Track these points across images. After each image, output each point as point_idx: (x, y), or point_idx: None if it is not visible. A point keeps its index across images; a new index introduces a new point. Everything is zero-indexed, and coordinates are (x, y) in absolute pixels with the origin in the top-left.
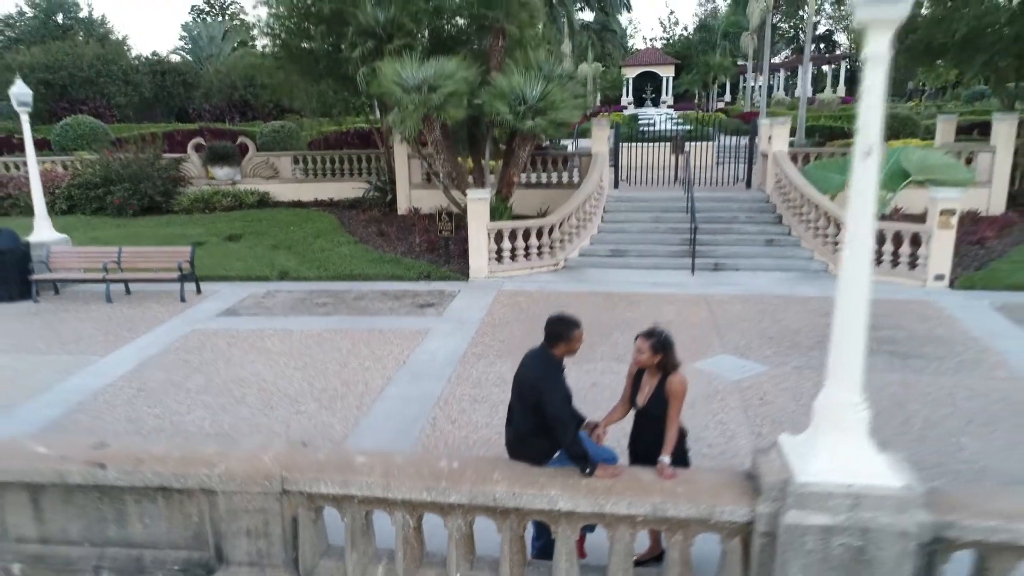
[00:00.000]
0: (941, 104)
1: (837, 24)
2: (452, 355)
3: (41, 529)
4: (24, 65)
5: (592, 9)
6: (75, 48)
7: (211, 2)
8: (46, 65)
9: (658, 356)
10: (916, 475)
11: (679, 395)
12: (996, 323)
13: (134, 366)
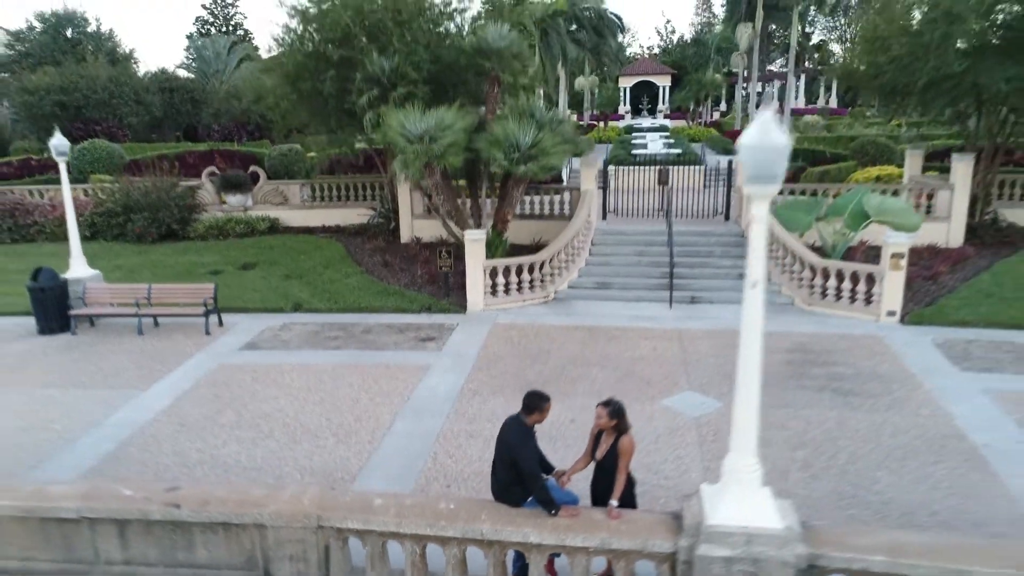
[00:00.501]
0: (921, 123)
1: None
2: (450, 391)
3: (125, 554)
4: (40, 87)
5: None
6: (89, 70)
7: (215, 13)
8: (61, 87)
9: (613, 421)
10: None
11: (628, 453)
12: (934, 360)
13: (171, 401)
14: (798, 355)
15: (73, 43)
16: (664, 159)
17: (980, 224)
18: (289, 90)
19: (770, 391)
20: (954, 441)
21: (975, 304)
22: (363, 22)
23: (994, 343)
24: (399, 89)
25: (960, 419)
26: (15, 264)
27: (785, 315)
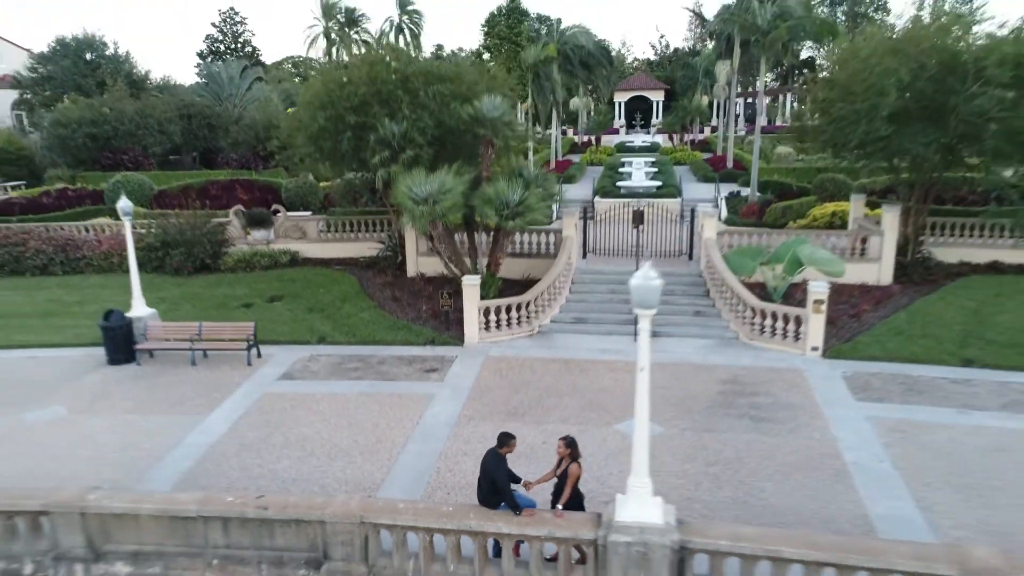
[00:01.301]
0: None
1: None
2: (450, 418)
3: (227, 540)
4: (72, 120)
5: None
6: (117, 103)
7: (224, 31)
8: (92, 120)
9: (568, 451)
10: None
11: (573, 476)
12: (838, 391)
13: (229, 425)
14: (730, 386)
15: (93, 67)
16: (645, 192)
17: (911, 263)
18: (312, 148)
19: (702, 417)
20: (830, 459)
21: (885, 340)
22: (377, 92)
23: (892, 376)
24: (407, 152)
25: (841, 442)
26: (70, 296)
27: (729, 348)
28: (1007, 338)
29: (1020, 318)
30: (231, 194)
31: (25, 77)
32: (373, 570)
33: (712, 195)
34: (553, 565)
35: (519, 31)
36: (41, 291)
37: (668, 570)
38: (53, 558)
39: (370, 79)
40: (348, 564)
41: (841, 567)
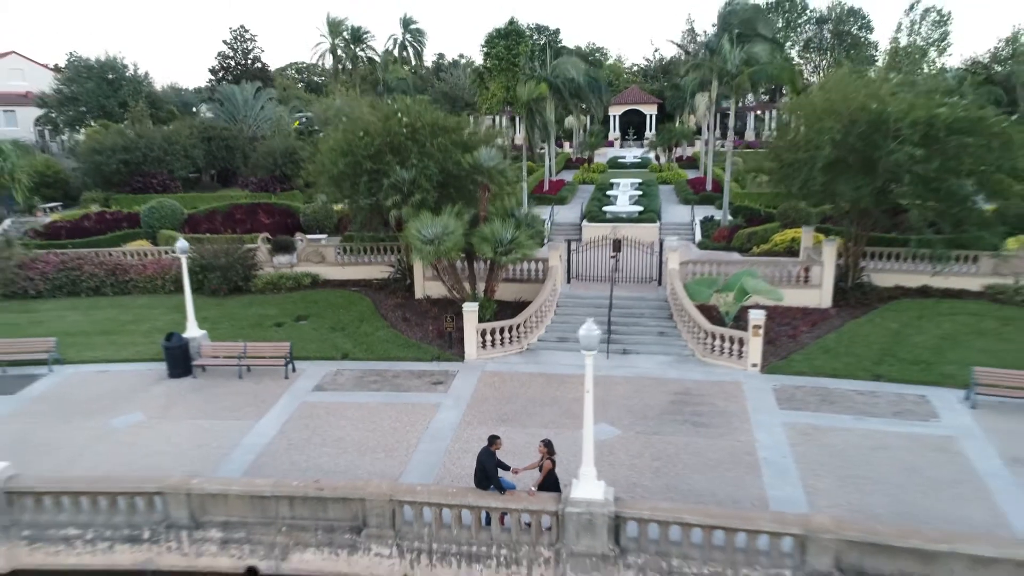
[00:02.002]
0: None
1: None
2: (453, 423)
3: (292, 513)
4: (107, 147)
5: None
6: (147, 131)
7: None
8: (124, 147)
9: (545, 450)
10: (624, 481)
11: (547, 469)
12: (767, 402)
13: (277, 429)
14: (680, 396)
15: (115, 88)
16: (627, 217)
17: (851, 288)
18: (333, 188)
19: (654, 423)
20: (747, 456)
21: (814, 358)
22: (390, 142)
23: (813, 388)
24: (416, 196)
25: (759, 442)
26: (124, 316)
27: (685, 364)
28: (914, 356)
29: (931, 338)
30: (254, 218)
31: (50, 97)
32: (399, 533)
33: (689, 219)
34: (528, 529)
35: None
36: (96, 311)
37: (607, 533)
38: (165, 527)
39: (384, 131)
40: (381, 530)
41: (727, 529)
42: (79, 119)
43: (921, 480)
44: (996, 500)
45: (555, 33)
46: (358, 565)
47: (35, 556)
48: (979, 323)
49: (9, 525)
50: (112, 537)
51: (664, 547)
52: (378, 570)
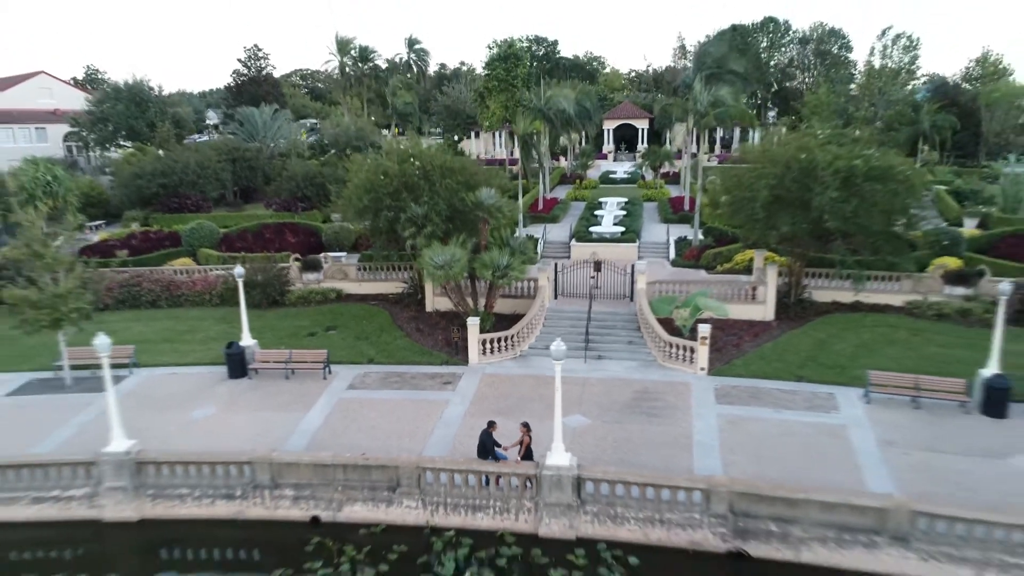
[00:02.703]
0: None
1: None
2: (460, 415)
3: (345, 477)
4: (148, 172)
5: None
6: (183, 155)
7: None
8: (162, 172)
9: (525, 429)
10: (589, 457)
11: (525, 444)
12: (707, 398)
13: (323, 419)
14: (640, 393)
15: (142, 109)
16: (611, 237)
17: (793, 303)
18: (358, 219)
19: (617, 415)
20: (685, 439)
21: (751, 363)
22: (406, 182)
23: (746, 388)
24: (428, 228)
25: (696, 429)
26: (180, 326)
27: (648, 369)
28: (833, 361)
29: (850, 346)
30: (282, 237)
31: (83, 117)
32: (423, 491)
33: (666, 238)
34: (515, 487)
35: (515, 74)
36: (155, 322)
37: (572, 489)
38: (252, 487)
39: (401, 173)
40: (410, 488)
41: (655, 485)
42: (110, 138)
43: (812, 456)
44: (862, 470)
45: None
46: (393, 514)
47: (156, 509)
48: (893, 334)
49: (138, 486)
50: (212, 495)
51: (612, 499)
52: (407, 518)
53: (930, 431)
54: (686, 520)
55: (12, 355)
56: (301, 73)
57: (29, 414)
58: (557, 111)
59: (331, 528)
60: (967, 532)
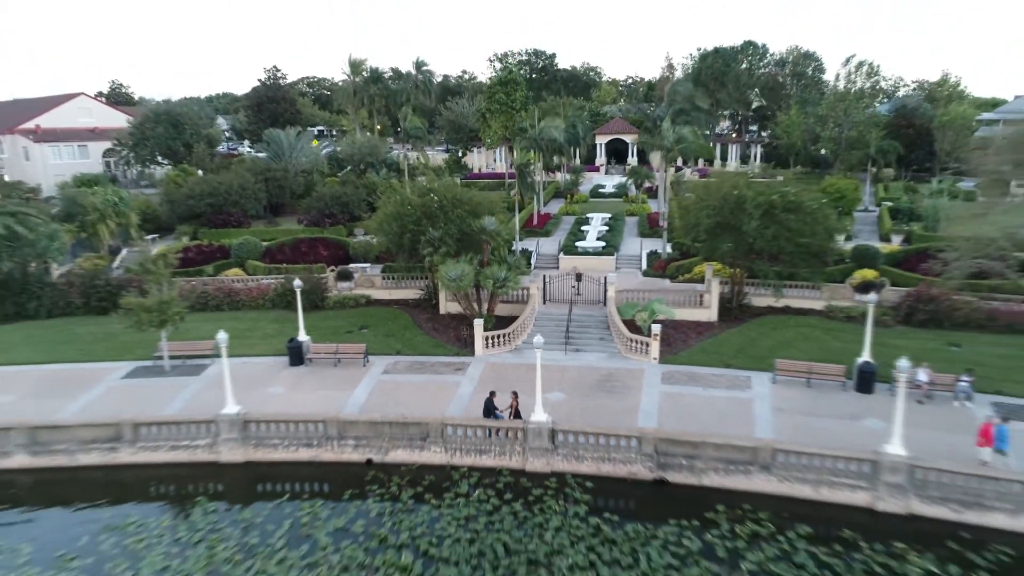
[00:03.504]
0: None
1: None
2: (469, 392)
3: (391, 432)
4: (196, 193)
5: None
6: (227, 178)
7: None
8: (210, 192)
9: (514, 396)
10: (562, 419)
11: (514, 407)
12: (655, 380)
13: (366, 396)
14: (605, 377)
15: (179, 131)
16: (593, 251)
17: (735, 307)
18: (387, 243)
19: (586, 392)
20: (633, 408)
21: (694, 355)
22: (426, 212)
23: (686, 372)
24: (443, 248)
25: (642, 401)
26: (241, 326)
27: (613, 359)
28: (757, 353)
29: (773, 342)
30: (315, 250)
31: (125, 137)
32: (445, 440)
33: (639, 251)
34: (509, 437)
35: (515, 98)
36: (220, 322)
37: (548, 438)
38: (325, 438)
39: (421, 204)
40: (436, 439)
41: (604, 435)
42: (149, 157)
43: (723, 418)
44: (754, 427)
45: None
46: (424, 457)
47: (257, 453)
48: (810, 332)
49: (244, 438)
50: (296, 444)
51: (575, 445)
52: (434, 459)
53: (813, 402)
54: (625, 458)
55: (115, 348)
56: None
57: (144, 392)
58: (548, 140)
59: (380, 467)
60: (808, 462)
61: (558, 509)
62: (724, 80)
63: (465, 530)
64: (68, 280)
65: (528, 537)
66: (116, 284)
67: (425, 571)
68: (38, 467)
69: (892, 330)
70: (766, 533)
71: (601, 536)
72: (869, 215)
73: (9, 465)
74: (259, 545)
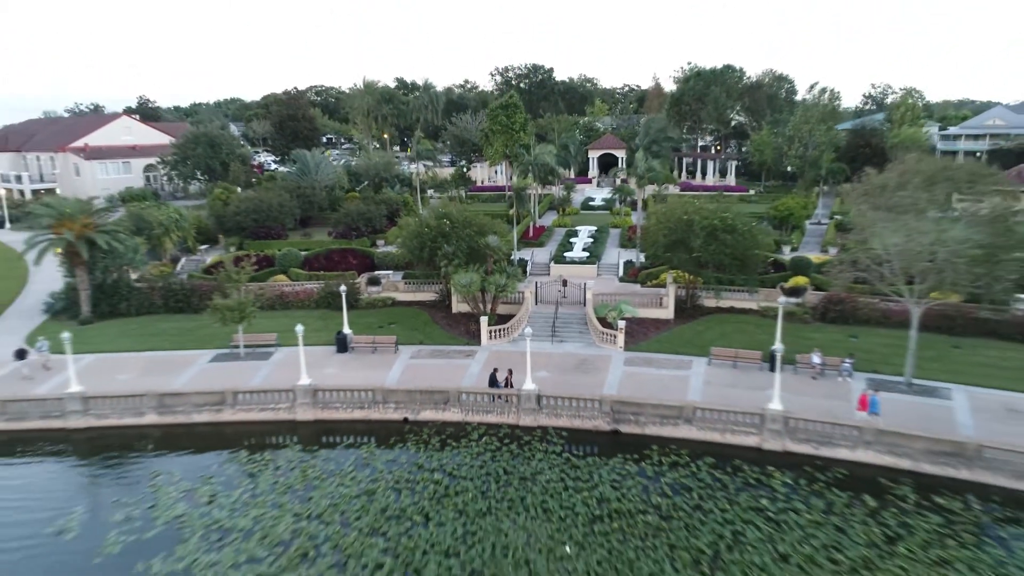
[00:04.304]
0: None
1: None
2: (477, 372)
3: (421, 397)
4: (243, 210)
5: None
6: (267, 196)
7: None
8: (253, 209)
9: (509, 372)
10: (547, 389)
11: (510, 379)
12: (619, 363)
13: (400, 373)
14: (581, 361)
15: (216, 151)
16: (579, 260)
17: (689, 307)
18: (410, 256)
19: (566, 371)
20: (600, 383)
21: (652, 344)
22: (441, 231)
23: (644, 357)
24: (455, 261)
25: (608, 378)
26: (292, 322)
27: (589, 347)
28: (700, 343)
29: (715, 334)
30: (345, 259)
31: (168, 157)
32: (461, 403)
33: (618, 260)
34: (507, 401)
35: (514, 120)
36: (275, 320)
37: (535, 401)
38: (373, 402)
39: (437, 226)
40: (454, 402)
41: (576, 399)
42: (190, 174)
43: (666, 389)
44: (687, 394)
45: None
46: (445, 416)
47: (324, 413)
48: (745, 327)
49: (315, 402)
50: (353, 406)
51: (555, 406)
52: (453, 418)
53: (734, 378)
54: (590, 415)
55: (197, 340)
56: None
57: (229, 371)
58: (542, 164)
59: (414, 423)
60: (718, 417)
61: (541, 448)
62: (704, 100)
63: (477, 461)
64: (150, 284)
65: (520, 464)
66: (189, 288)
67: (451, 484)
68: (164, 423)
69: (810, 325)
70: (683, 463)
71: (570, 464)
72: (820, 228)
73: (143, 422)
74: (335, 469)
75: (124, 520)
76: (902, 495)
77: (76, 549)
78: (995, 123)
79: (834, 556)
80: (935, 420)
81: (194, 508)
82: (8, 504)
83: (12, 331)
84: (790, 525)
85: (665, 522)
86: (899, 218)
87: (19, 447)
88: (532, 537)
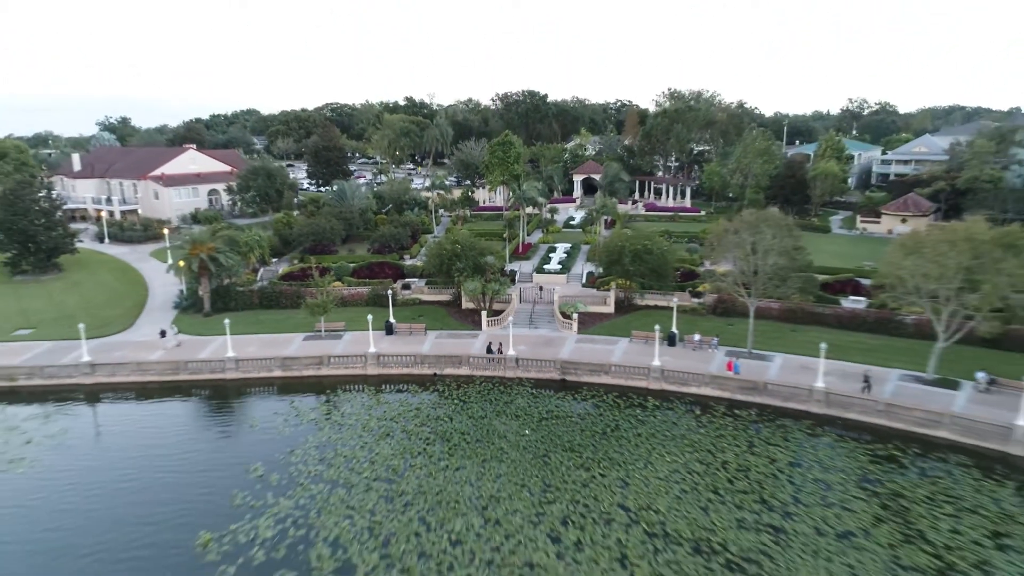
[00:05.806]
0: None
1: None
2: (480, 345)
3: (440, 361)
4: (304, 233)
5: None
6: (321, 220)
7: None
8: (312, 232)
9: (499, 343)
10: (523, 355)
11: (499, 347)
12: (572, 341)
13: (429, 347)
14: (547, 340)
15: (273, 181)
16: (554, 271)
17: (627, 305)
18: (432, 269)
19: (537, 346)
20: (558, 353)
21: (597, 331)
22: (455, 251)
23: (588, 338)
24: (465, 272)
25: (563, 349)
26: (349, 316)
27: (554, 332)
28: (628, 329)
29: (640, 323)
30: (383, 270)
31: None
32: (470, 363)
33: (582, 271)
34: (499, 362)
35: (510, 154)
36: (338, 313)
37: (514, 361)
38: (415, 362)
39: (451, 249)
40: (466, 362)
41: (541, 360)
42: (251, 201)
43: (598, 356)
44: (613, 358)
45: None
46: (460, 371)
47: (384, 370)
48: (660, 319)
49: (379, 363)
50: (403, 364)
51: (527, 365)
52: (464, 372)
53: (641, 350)
54: (548, 370)
55: (290, 326)
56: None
57: (318, 346)
58: (529, 198)
59: (441, 377)
60: (625, 370)
61: (518, 390)
62: (669, 135)
63: (480, 397)
64: (249, 288)
65: (504, 397)
66: (279, 291)
67: (464, 407)
68: (284, 376)
69: (704, 317)
70: (600, 396)
71: (533, 396)
72: None
73: (272, 375)
74: (393, 400)
75: (264, 429)
76: (720, 411)
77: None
78: (920, 150)
79: (670, 432)
80: (756, 371)
81: (317, 421)
82: (200, 423)
83: (155, 321)
84: (652, 422)
85: (582, 420)
86: (734, 251)
87: (192, 390)
88: (509, 427)
